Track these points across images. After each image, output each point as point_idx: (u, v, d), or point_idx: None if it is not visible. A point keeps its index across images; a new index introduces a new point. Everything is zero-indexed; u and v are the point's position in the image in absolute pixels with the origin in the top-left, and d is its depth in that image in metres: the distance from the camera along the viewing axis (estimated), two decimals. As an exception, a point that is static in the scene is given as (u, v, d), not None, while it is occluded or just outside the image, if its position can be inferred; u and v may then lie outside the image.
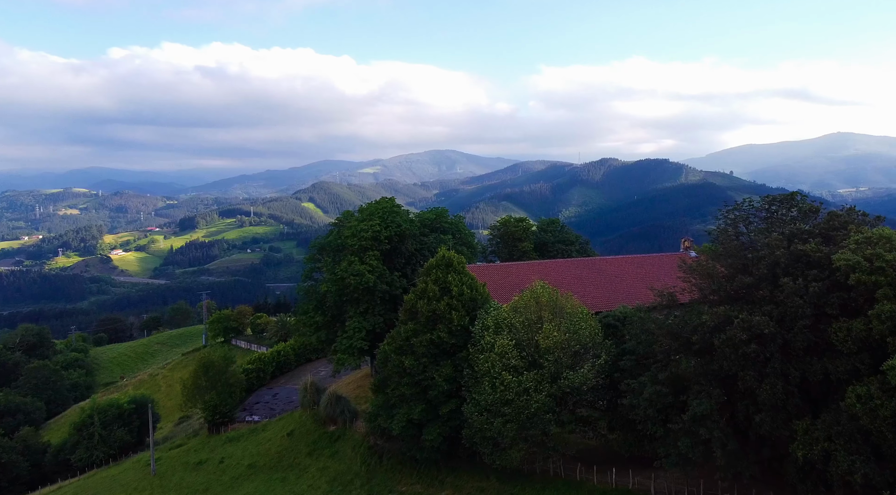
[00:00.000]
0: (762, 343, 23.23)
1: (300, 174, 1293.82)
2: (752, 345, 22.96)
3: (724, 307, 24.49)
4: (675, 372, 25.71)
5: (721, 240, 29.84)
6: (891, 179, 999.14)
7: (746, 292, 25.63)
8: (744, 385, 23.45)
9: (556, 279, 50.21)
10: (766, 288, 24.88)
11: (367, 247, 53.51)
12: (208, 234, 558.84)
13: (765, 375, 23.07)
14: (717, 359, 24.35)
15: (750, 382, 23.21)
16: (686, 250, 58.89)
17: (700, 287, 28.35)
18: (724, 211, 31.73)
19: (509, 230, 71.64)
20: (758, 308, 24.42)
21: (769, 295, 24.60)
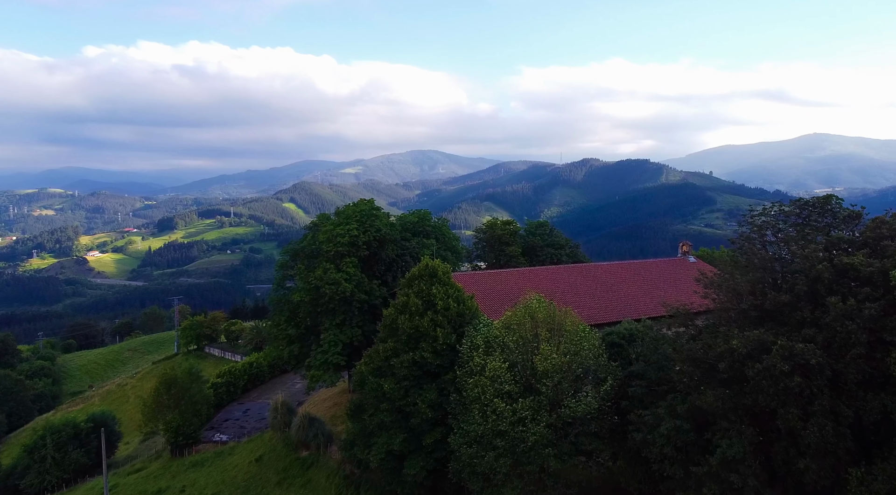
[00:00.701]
0: (807, 375, 19.56)
1: (281, 174, 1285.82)
2: (796, 377, 19.26)
3: (758, 331, 20.73)
4: (698, 405, 21.94)
5: (746, 251, 26.11)
6: (865, 179, 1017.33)
7: (782, 313, 21.96)
8: (784, 424, 19.75)
9: (548, 287, 46.44)
10: (806, 308, 21.22)
11: (344, 254, 49.35)
12: (187, 235, 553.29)
13: (810, 413, 19.41)
14: (750, 392, 20.62)
15: (792, 421, 19.52)
16: (684, 255, 55.48)
17: (724, 305, 24.57)
18: (748, 216, 28.00)
19: (496, 233, 67.81)
20: (796, 332, 20.75)
21: (810, 316, 20.95)
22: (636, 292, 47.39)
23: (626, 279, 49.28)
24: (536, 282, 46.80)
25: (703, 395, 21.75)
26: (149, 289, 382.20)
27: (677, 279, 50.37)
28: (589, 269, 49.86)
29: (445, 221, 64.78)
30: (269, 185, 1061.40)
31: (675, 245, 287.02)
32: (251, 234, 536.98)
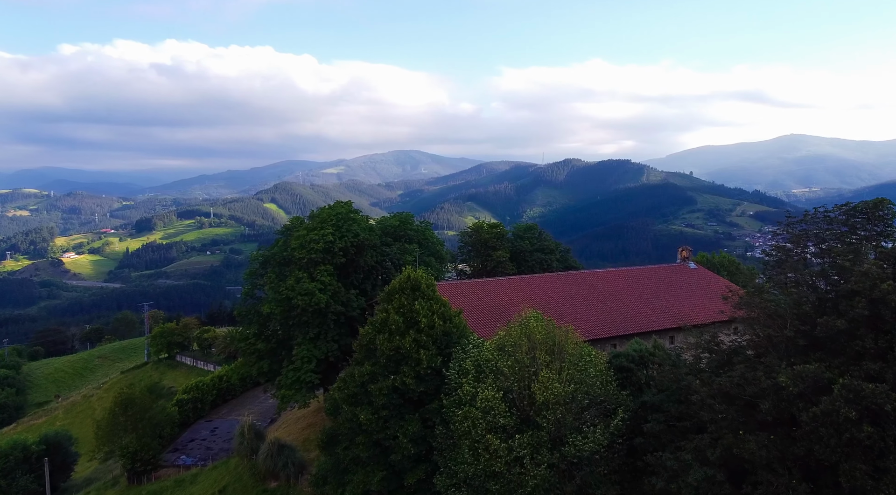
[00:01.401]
0: (879, 423, 15.92)
1: (262, 174, 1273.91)
2: (865, 426, 15.60)
3: (812, 365, 16.99)
4: (735, 453, 18.20)
5: (785, 265, 22.40)
6: (841, 180, 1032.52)
7: (836, 341, 18.31)
8: (848, 482, 16.06)
9: (542, 298, 42.66)
10: (867, 336, 17.59)
11: (318, 261, 45.11)
12: (166, 236, 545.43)
13: (883, 471, 15.78)
14: (803, 440, 16.90)
15: (859, 480, 15.85)
16: (684, 261, 52.00)
17: (762, 330, 20.81)
18: (784, 224, 24.28)
19: (482, 237, 63.94)
20: (855, 365, 17.10)
21: (873, 346, 17.33)
22: (636, 302, 43.74)
23: (625, 288, 45.64)
24: (529, 292, 42.99)
25: (742, 441, 17.97)
26: (126, 291, 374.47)
27: (679, 287, 46.87)
28: (585, 278, 46.14)
29: (428, 224, 60.78)
30: (249, 186, 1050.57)
31: (657, 245, 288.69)
32: (231, 235, 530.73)
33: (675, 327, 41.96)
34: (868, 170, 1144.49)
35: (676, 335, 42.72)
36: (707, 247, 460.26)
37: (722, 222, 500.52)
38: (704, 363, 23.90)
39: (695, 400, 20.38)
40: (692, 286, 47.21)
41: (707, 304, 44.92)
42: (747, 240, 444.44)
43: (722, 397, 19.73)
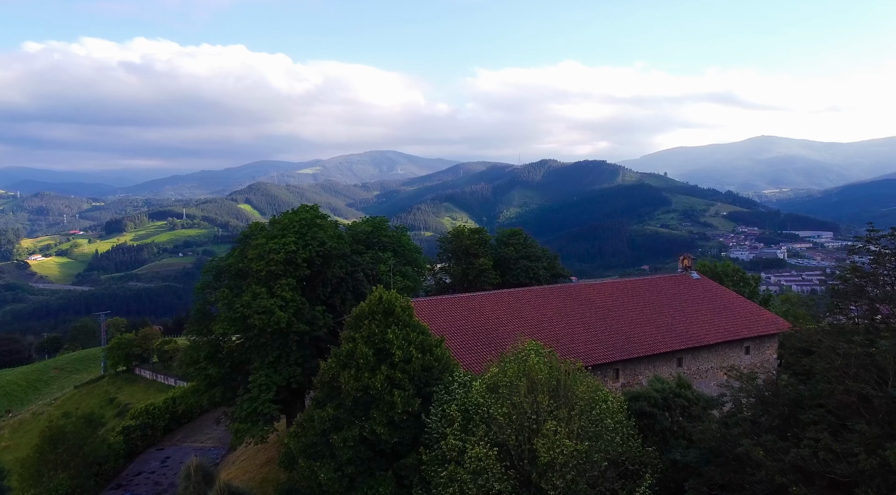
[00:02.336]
0: None
1: (236, 175, 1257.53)
2: None
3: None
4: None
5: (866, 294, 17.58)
6: (810, 180, 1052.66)
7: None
8: None
9: (534, 316, 37.63)
10: None
11: (279, 274, 39.50)
12: (137, 237, 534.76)
13: None
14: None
15: None
16: (686, 270, 47.37)
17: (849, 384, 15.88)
18: (864, 238, 19.40)
19: (463, 243, 58.80)
20: None
21: None
22: (639, 320, 38.92)
23: (624, 302, 40.80)
24: (518, 308, 37.91)
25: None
26: (95, 294, 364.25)
27: (683, 301, 42.21)
28: (580, 291, 41.17)
29: (404, 230, 55.48)
30: (223, 186, 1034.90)
31: (633, 245, 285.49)
32: (204, 236, 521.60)
33: (683, 348, 37.26)
34: (836, 171, 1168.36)
35: (685, 357, 38.05)
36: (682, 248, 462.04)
37: (696, 223, 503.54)
38: (749, 411, 18.99)
39: (758, 478, 15.47)
40: (697, 299, 42.60)
41: (716, 320, 40.37)
42: (721, 240, 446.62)
43: (795, 472, 14.87)
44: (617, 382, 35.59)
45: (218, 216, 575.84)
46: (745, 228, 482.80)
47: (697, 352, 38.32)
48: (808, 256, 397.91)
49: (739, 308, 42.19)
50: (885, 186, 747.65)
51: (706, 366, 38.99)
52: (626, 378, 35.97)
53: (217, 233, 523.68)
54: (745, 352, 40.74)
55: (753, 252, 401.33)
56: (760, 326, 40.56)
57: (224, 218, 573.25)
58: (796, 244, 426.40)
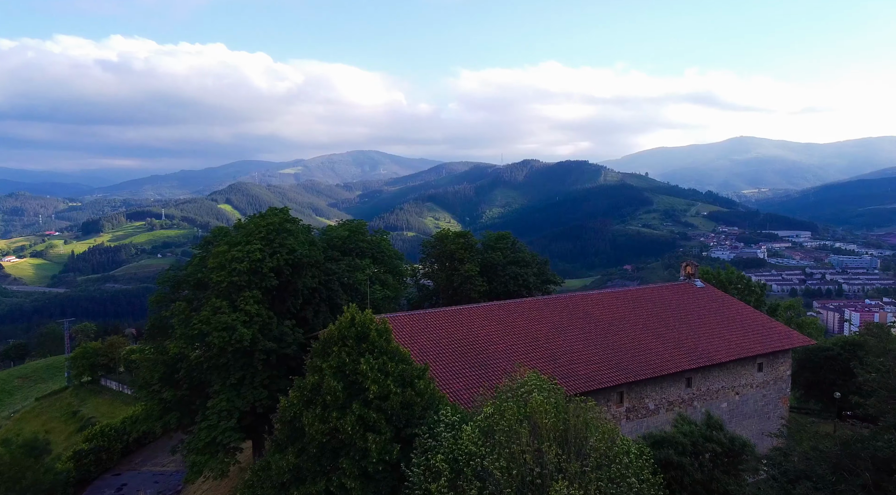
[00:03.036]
0: None
1: (217, 175, 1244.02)
2: None
3: None
4: None
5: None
6: (788, 181, 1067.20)
7: None
8: None
9: (528, 331, 33.82)
10: None
11: (243, 285, 35.29)
12: (115, 238, 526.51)
13: None
14: None
15: None
16: (689, 278, 43.84)
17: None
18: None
19: (447, 248, 54.82)
20: None
21: None
22: (643, 335, 35.29)
23: (625, 315, 37.17)
24: (511, 323, 34.07)
25: None
26: (71, 297, 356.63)
27: (688, 312, 38.70)
28: (577, 303, 37.43)
29: (384, 234, 51.51)
30: (203, 186, 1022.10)
31: (615, 245, 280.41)
32: (184, 237, 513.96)
33: (693, 368, 33.68)
34: (813, 171, 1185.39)
35: (694, 376, 34.47)
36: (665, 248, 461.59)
37: (677, 222, 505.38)
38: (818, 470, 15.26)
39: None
40: (703, 310, 39.13)
41: (725, 334, 36.91)
42: (702, 240, 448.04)
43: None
44: (621, 406, 31.97)
45: (198, 216, 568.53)
46: (726, 228, 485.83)
47: (707, 371, 34.87)
48: (788, 256, 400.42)
49: (749, 319, 38.83)
50: (860, 187, 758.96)
51: (717, 386, 35.54)
52: (630, 401, 32.38)
53: (197, 233, 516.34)
54: (758, 369, 37.34)
55: (734, 252, 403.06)
56: (774, 341, 37.23)
57: (204, 218, 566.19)
58: (775, 244, 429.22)
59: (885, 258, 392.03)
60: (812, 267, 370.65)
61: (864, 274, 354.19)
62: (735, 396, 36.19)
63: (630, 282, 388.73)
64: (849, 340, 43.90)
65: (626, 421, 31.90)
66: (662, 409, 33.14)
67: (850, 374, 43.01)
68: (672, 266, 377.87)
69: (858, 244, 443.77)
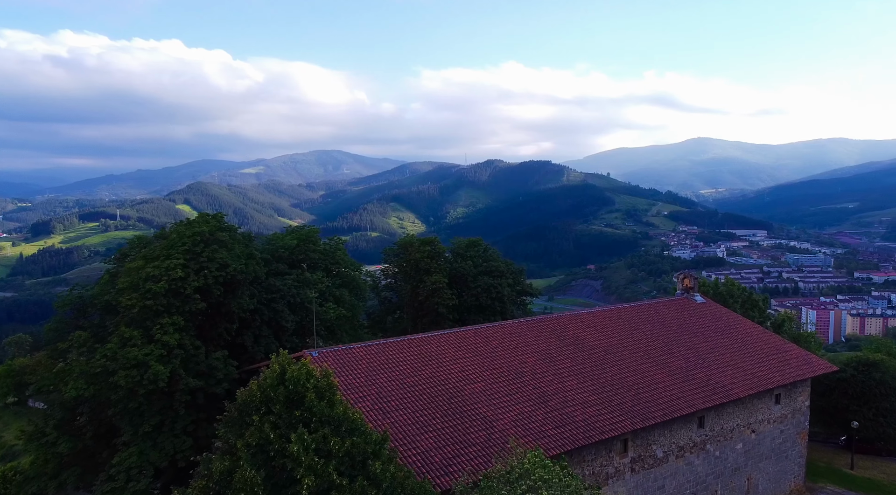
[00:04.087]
0: None
1: (175, 174, 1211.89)
2: None
3: None
4: None
5: None
6: (743, 181, 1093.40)
7: None
8: None
9: (509, 363, 27.96)
10: None
11: (160, 310, 28.58)
12: (67, 240, 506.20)
13: None
14: None
15: None
16: (687, 292, 38.60)
17: None
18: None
19: (412, 257, 48.66)
20: None
21: None
22: (646, 364, 29.78)
23: (622, 339, 31.64)
24: (488, 354, 28.17)
25: None
26: (19, 301, 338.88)
27: (692, 333, 33.41)
28: (564, 326, 31.70)
29: (341, 243, 45.08)
30: (162, 186, 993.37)
31: (579, 244, 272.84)
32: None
33: (708, 407, 28.26)
34: (767, 171, 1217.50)
35: (707, 414, 29.09)
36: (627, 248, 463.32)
37: (639, 222, 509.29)
38: None
39: None
40: (709, 331, 33.95)
41: (738, 361, 31.71)
42: (663, 239, 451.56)
43: None
44: (625, 457, 26.40)
45: (155, 217, 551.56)
46: (686, 227, 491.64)
47: (722, 408, 29.62)
48: (746, 254, 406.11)
49: (761, 342, 33.82)
50: (812, 187, 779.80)
51: (731, 424, 30.33)
52: (636, 450, 26.83)
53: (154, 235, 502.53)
54: (775, 401, 32.30)
55: (695, 251, 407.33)
56: (793, 368, 32.25)
57: (161, 219, 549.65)
58: (734, 242, 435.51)
59: (837, 256, 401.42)
60: (769, 265, 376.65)
61: (818, 272, 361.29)
62: (751, 435, 31.10)
63: (594, 282, 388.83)
64: (864, 360, 39.37)
65: (632, 474, 26.37)
66: (672, 456, 27.76)
67: (866, 399, 38.68)
68: (635, 265, 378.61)
69: (812, 243, 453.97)
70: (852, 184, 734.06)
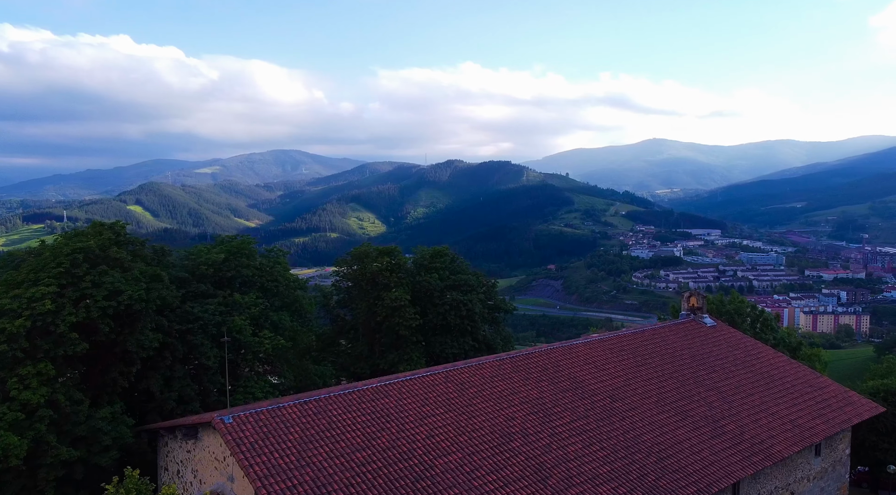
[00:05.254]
0: None
1: (127, 174, 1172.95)
2: None
3: None
4: None
5: None
6: (697, 181, 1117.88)
7: None
8: None
9: (493, 420, 21.25)
10: None
11: (19, 357, 21.00)
12: (9, 243, 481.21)
13: None
14: None
15: None
16: (694, 313, 32.52)
17: None
18: None
19: (367, 270, 41.50)
20: None
21: None
22: (662, 415, 23.43)
23: (628, 379, 25.27)
24: (465, 406, 21.42)
25: None
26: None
27: (710, 367, 27.30)
28: (556, 362, 25.11)
29: (282, 255, 37.72)
30: (113, 186, 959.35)
31: (538, 244, 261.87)
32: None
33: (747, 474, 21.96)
34: (720, 172, 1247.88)
35: (743, 480, 22.86)
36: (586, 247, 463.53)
37: (598, 222, 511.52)
38: None
39: None
40: (728, 363, 27.95)
41: (770, 405, 25.56)
42: (621, 239, 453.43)
43: None
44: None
45: (105, 218, 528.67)
46: (643, 227, 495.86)
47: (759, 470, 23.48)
48: (702, 253, 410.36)
49: (790, 376, 27.97)
50: (762, 187, 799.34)
51: (768, 488, 24.21)
52: (661, 537, 20.52)
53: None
54: (815, 453, 26.45)
55: (652, 250, 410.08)
56: (835, 412, 26.38)
57: (112, 221, 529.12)
58: (689, 242, 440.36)
59: (789, 255, 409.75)
60: (724, 264, 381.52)
61: (771, 270, 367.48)
62: (790, 497, 25.19)
63: (555, 282, 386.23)
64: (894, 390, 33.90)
65: None
66: (702, 537, 21.57)
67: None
68: (594, 265, 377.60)
69: (764, 241, 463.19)
70: (800, 185, 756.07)
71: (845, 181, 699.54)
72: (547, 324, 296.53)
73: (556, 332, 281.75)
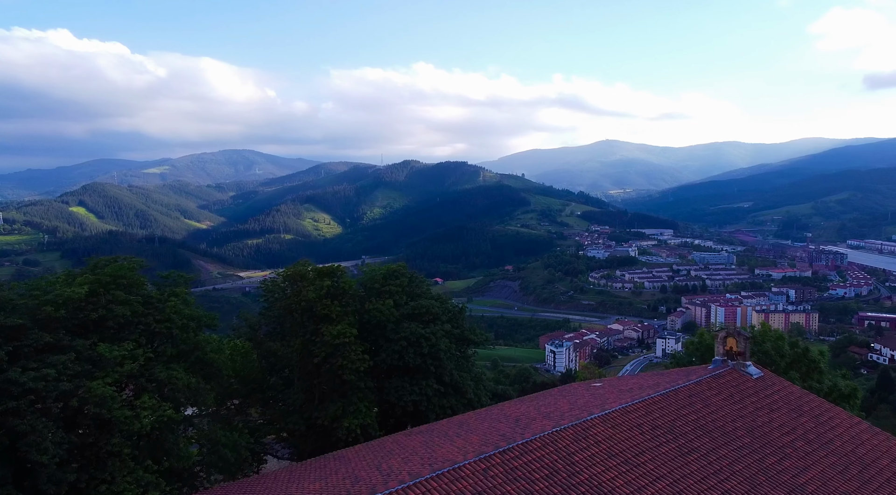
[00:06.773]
0: None
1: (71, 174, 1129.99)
2: None
3: None
4: None
5: None
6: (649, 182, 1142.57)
7: None
8: None
9: None
10: None
11: None
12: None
13: None
14: None
15: None
16: (735, 360, 24.29)
17: None
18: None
19: (302, 297, 32.31)
20: None
21: None
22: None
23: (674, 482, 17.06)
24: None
25: None
26: None
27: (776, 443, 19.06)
28: (567, 455, 16.43)
29: (183, 280, 28.25)
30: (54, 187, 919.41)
31: (496, 245, 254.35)
32: (27, 243, 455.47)
33: None
34: (670, 173, 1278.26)
35: None
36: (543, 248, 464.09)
37: (554, 222, 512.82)
38: None
39: None
40: (794, 435, 19.91)
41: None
42: (577, 238, 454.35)
43: None
44: None
45: (45, 220, 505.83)
46: (598, 227, 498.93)
47: None
48: (655, 253, 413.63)
49: (876, 451, 20.09)
50: (711, 187, 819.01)
51: None
52: None
53: (43, 239, 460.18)
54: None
55: (608, 250, 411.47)
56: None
57: (53, 222, 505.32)
58: (643, 241, 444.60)
59: (739, 254, 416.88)
60: (678, 263, 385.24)
61: (723, 269, 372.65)
62: None
63: (512, 283, 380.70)
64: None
65: None
66: None
67: None
68: (551, 265, 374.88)
69: (714, 241, 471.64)
70: (746, 185, 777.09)
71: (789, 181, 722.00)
72: (505, 325, 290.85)
73: (515, 333, 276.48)
